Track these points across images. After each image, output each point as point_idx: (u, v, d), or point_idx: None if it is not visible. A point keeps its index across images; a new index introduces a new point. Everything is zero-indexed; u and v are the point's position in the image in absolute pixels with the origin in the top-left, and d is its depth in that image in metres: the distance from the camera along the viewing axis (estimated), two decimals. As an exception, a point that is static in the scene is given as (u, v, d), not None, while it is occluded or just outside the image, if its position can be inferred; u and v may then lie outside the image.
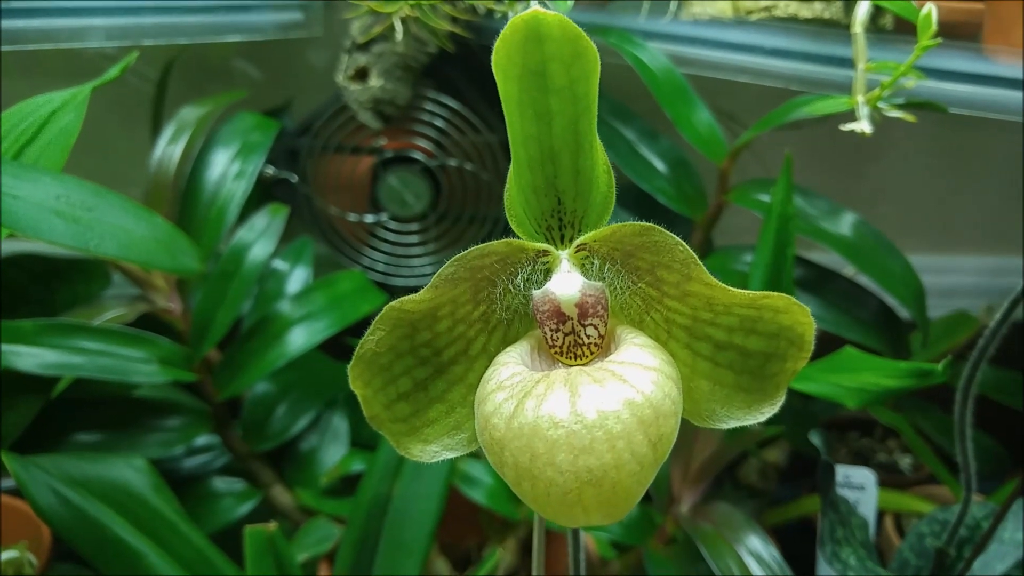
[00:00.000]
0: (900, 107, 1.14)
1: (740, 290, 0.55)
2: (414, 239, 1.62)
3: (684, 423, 1.32)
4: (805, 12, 1.24)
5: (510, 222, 0.60)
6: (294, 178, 1.59)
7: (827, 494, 1.14)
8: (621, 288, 0.59)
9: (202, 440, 1.35)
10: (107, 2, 1.40)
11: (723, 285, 0.55)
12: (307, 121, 1.60)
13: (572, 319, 0.58)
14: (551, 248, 0.59)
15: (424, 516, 1.10)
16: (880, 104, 1.12)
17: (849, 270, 1.42)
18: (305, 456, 1.39)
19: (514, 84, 0.54)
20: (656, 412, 0.51)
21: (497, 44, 0.53)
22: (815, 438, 1.12)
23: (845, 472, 1.48)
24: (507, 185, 0.59)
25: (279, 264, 1.47)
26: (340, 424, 1.43)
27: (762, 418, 0.58)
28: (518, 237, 0.59)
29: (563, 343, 0.58)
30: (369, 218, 1.61)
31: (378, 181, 1.59)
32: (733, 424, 0.58)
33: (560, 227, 0.59)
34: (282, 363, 1.24)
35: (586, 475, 0.49)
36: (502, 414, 0.52)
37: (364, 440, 1.46)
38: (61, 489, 1.01)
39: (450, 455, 0.60)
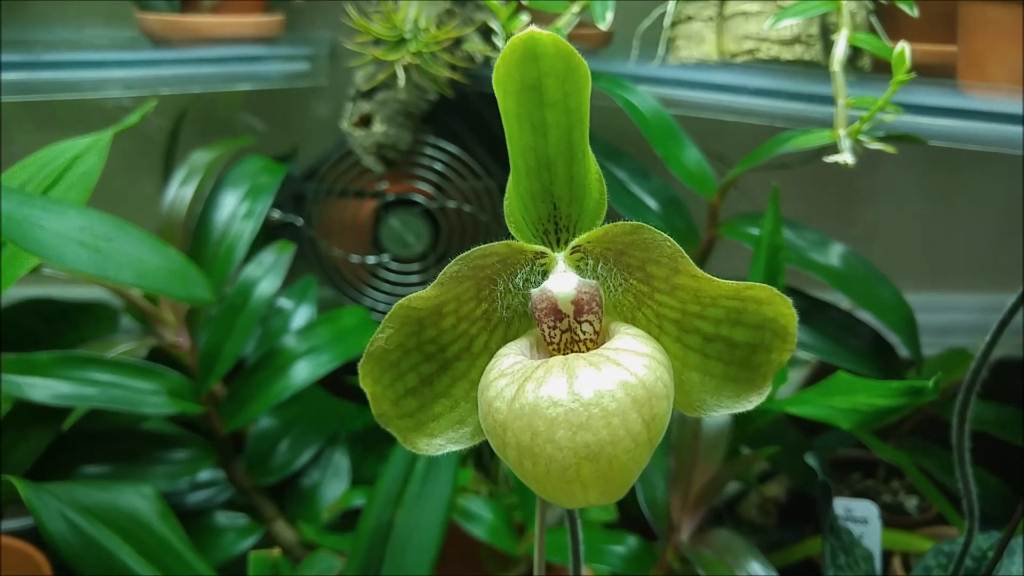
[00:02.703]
0: (881, 140, 1.19)
1: (725, 280, 0.59)
2: (415, 279, 1.66)
3: (682, 451, 1.33)
4: (787, 54, 1.31)
5: (509, 228, 0.64)
6: (299, 221, 1.64)
7: (825, 516, 1.15)
8: (614, 286, 0.62)
9: (206, 475, 1.37)
10: (126, 54, 1.48)
11: (709, 276, 0.59)
12: (312, 167, 1.66)
13: (568, 316, 0.61)
14: (548, 250, 0.63)
15: (426, 543, 1.11)
16: (861, 137, 1.17)
17: (846, 303, 1.45)
18: (307, 492, 1.40)
19: (513, 98, 0.59)
20: (649, 393, 0.54)
21: (497, 62, 0.58)
22: (811, 459, 1.14)
23: (847, 505, 1.49)
24: (507, 193, 0.63)
25: (284, 302, 1.51)
26: (341, 460, 1.45)
27: (750, 406, 0.61)
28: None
29: (560, 340, 0.62)
30: (371, 259, 1.66)
31: (380, 223, 1.64)
32: (723, 412, 0.62)
33: (556, 231, 0.63)
34: (287, 395, 1.27)
35: (584, 450, 0.52)
36: (504, 397, 0.55)
37: (365, 478, 1.47)
38: (71, 516, 1.03)
39: (455, 448, 0.63)
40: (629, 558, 1.31)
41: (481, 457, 1.63)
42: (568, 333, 0.62)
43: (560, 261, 0.63)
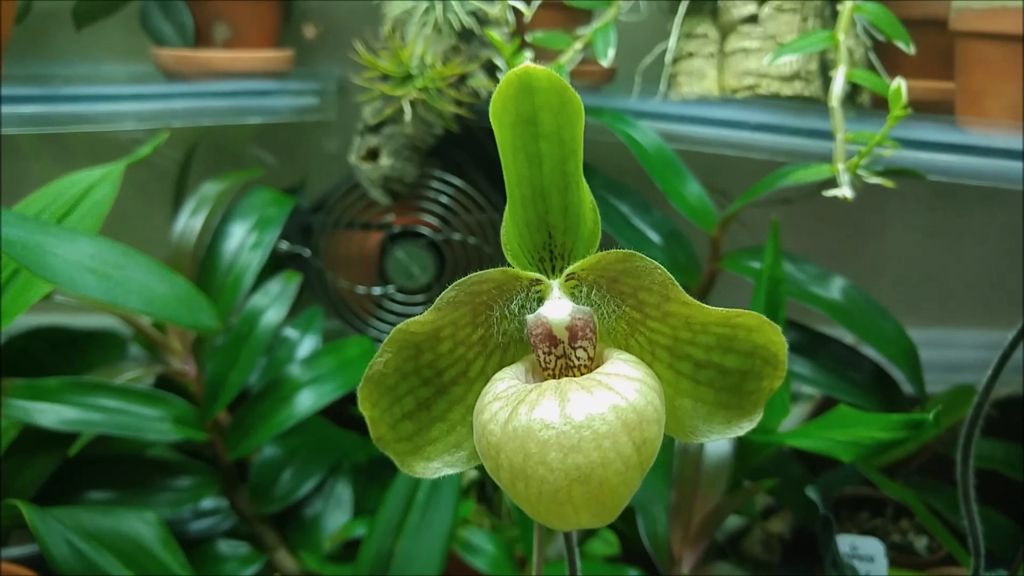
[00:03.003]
0: (879, 174, 1.21)
1: (715, 308, 0.60)
2: (420, 310, 1.67)
3: (683, 484, 1.33)
4: (786, 90, 1.33)
5: (506, 255, 0.66)
6: (307, 252, 1.66)
7: (827, 549, 1.15)
8: (608, 312, 0.64)
9: (209, 503, 1.37)
10: (140, 88, 1.52)
11: (699, 303, 0.60)
12: (320, 199, 1.69)
13: (563, 342, 0.63)
14: (543, 277, 0.64)
15: (426, 573, 1.11)
16: (860, 171, 1.19)
17: (850, 339, 1.45)
18: (309, 521, 1.40)
19: (508, 131, 0.61)
20: (640, 417, 0.55)
21: (494, 96, 0.60)
22: (811, 492, 1.14)
23: (853, 542, 1.47)
24: (504, 222, 0.65)
25: (290, 332, 1.53)
26: (344, 491, 1.45)
27: (741, 432, 0.62)
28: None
29: (555, 365, 0.63)
30: (377, 290, 1.68)
31: (386, 255, 1.66)
32: (715, 438, 0.62)
33: (551, 259, 0.64)
34: (291, 424, 1.28)
35: (575, 472, 0.53)
36: (498, 420, 0.56)
37: (368, 509, 1.48)
38: (75, 540, 1.04)
39: (451, 471, 0.64)
40: (629, 593, 1.30)
41: (484, 490, 1.63)
42: (563, 359, 0.63)
43: (555, 288, 0.64)
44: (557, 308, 0.63)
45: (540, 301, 0.64)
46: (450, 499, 1.14)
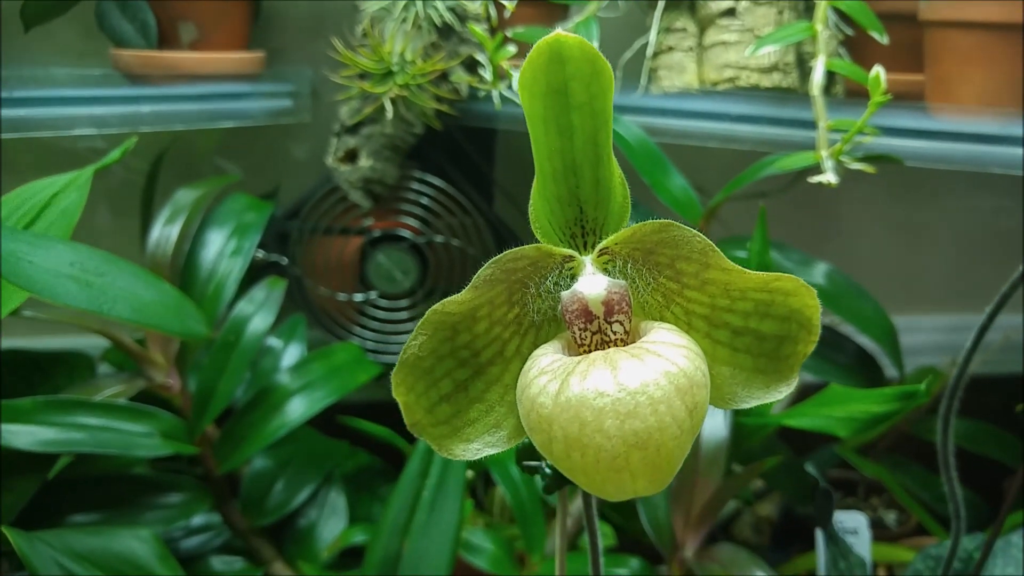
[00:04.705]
0: (860, 160, 1.24)
1: (754, 272, 0.60)
2: (403, 315, 1.66)
3: (682, 470, 1.34)
4: (765, 82, 1.36)
5: (536, 234, 0.65)
6: (284, 261, 1.63)
7: (827, 524, 1.17)
8: (642, 286, 0.63)
9: (200, 520, 1.33)
10: (101, 90, 1.46)
11: (740, 268, 0.60)
12: (295, 205, 1.66)
13: (599, 317, 0.62)
14: (575, 254, 0.64)
15: (436, 572, 1.09)
16: (842, 157, 1.22)
17: (827, 320, 1.49)
18: (305, 531, 1.37)
19: (539, 102, 0.60)
20: (690, 381, 0.55)
21: (523, 67, 0.60)
22: (810, 467, 1.15)
23: (838, 517, 1.51)
24: (532, 199, 0.64)
25: (273, 341, 1.50)
26: (338, 499, 1.43)
27: (779, 396, 0.62)
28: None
29: (591, 341, 0.62)
30: (358, 297, 1.65)
31: (367, 260, 1.64)
32: (754, 403, 0.63)
33: (583, 234, 0.64)
34: (283, 432, 1.25)
35: (632, 438, 0.52)
36: (548, 393, 0.55)
37: (359, 518, 1.45)
38: (66, 563, 0.99)
39: (491, 451, 0.63)
40: (633, 582, 1.30)
41: (475, 492, 1.61)
42: (598, 335, 0.62)
43: (588, 264, 0.63)
44: (592, 283, 0.62)
45: (573, 278, 0.64)
46: (456, 497, 1.12)
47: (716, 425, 1.28)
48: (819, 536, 1.23)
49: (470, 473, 1.47)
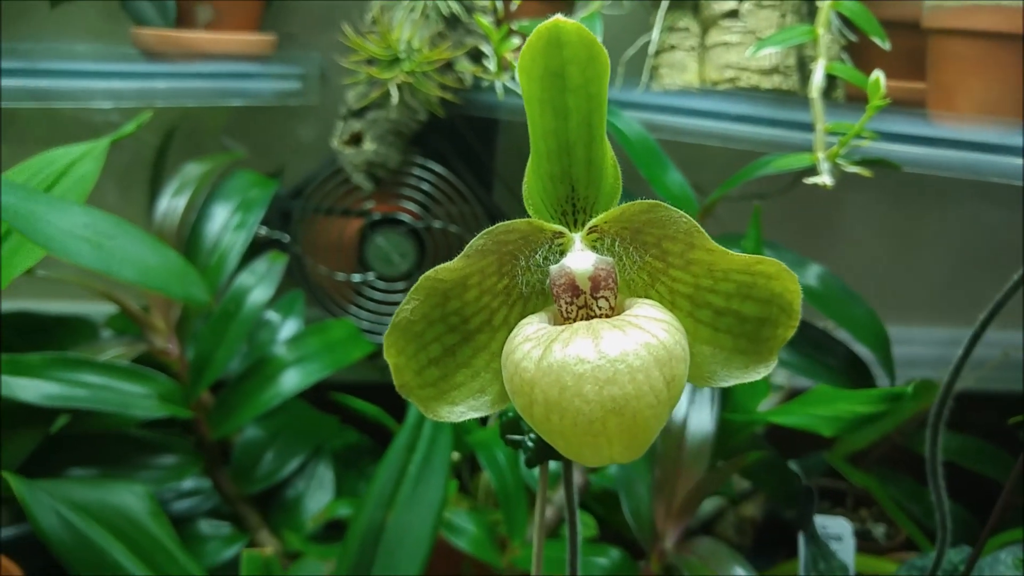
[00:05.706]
0: (857, 164, 1.26)
1: (737, 253, 0.63)
2: (400, 297, 1.68)
3: (666, 462, 1.35)
4: (765, 83, 1.38)
5: (528, 210, 0.67)
6: (286, 238, 1.66)
7: (808, 523, 1.19)
8: (629, 264, 0.66)
9: (190, 483, 1.36)
10: (119, 65, 1.50)
11: (723, 249, 0.63)
12: (300, 186, 1.68)
13: (585, 292, 0.65)
14: (565, 230, 0.66)
15: (418, 545, 1.12)
16: (839, 160, 1.24)
17: (821, 323, 1.50)
18: (291, 502, 1.40)
19: (536, 84, 0.63)
20: (669, 354, 0.57)
21: (523, 50, 0.62)
22: (793, 465, 1.17)
23: (822, 522, 1.52)
24: (526, 177, 0.67)
25: (271, 315, 1.52)
26: (325, 473, 1.45)
27: (757, 377, 0.65)
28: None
29: (576, 315, 0.65)
30: (356, 277, 1.68)
31: (366, 242, 1.67)
32: (732, 382, 0.65)
33: (574, 212, 0.66)
34: (277, 402, 1.28)
35: (610, 403, 0.55)
36: (532, 358, 0.58)
37: (346, 494, 1.47)
38: (64, 512, 1.02)
39: (475, 415, 0.66)
40: (612, 570, 1.32)
41: (460, 476, 1.64)
42: (584, 309, 0.65)
43: (577, 241, 0.66)
44: (580, 259, 0.65)
45: (562, 254, 0.66)
46: (442, 473, 1.14)
47: (702, 419, 1.31)
48: (800, 537, 1.24)
49: (456, 455, 1.49)
